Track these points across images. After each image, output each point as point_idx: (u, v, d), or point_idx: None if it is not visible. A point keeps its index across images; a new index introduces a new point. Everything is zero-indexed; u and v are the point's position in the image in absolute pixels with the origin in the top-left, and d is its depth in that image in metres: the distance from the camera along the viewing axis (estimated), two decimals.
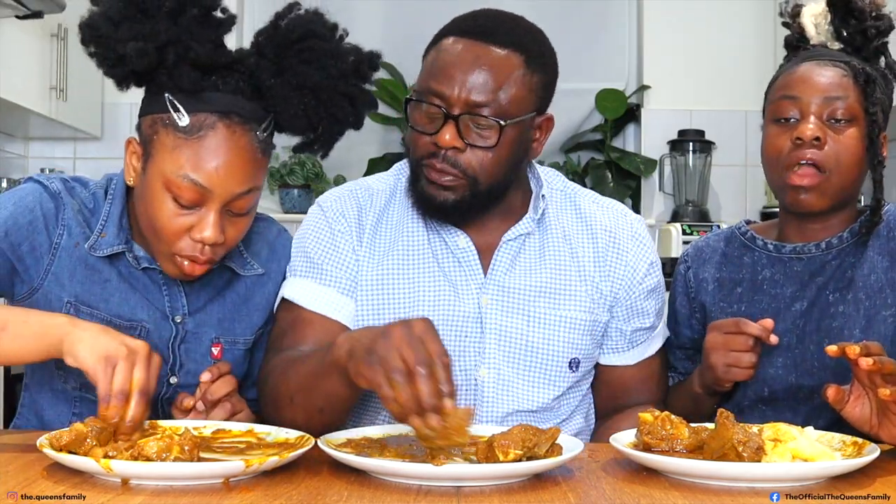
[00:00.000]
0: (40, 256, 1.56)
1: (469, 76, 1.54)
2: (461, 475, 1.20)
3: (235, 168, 1.49)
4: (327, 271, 1.66)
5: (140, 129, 1.54)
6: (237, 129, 1.49)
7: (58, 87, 3.78)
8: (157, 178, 1.50)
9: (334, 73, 1.55)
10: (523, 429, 1.24)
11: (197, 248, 1.51)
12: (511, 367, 1.63)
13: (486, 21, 1.60)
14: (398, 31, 4.49)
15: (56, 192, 1.59)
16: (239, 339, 1.67)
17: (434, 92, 1.56)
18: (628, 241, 1.70)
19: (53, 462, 1.23)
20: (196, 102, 1.49)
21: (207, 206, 1.49)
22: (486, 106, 1.54)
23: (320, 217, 1.71)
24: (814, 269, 1.69)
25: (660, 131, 4.36)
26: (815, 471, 1.23)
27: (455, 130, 1.55)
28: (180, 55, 1.47)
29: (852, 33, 1.69)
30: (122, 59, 1.47)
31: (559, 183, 1.75)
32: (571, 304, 1.65)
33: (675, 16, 4.37)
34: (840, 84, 1.64)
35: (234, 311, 1.67)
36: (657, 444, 1.31)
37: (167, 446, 1.20)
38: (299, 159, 4.41)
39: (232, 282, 1.67)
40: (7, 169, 4.26)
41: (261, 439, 1.39)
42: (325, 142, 1.62)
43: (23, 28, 3.50)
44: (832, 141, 1.62)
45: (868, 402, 1.40)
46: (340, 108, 1.57)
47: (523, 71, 1.56)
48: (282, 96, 1.53)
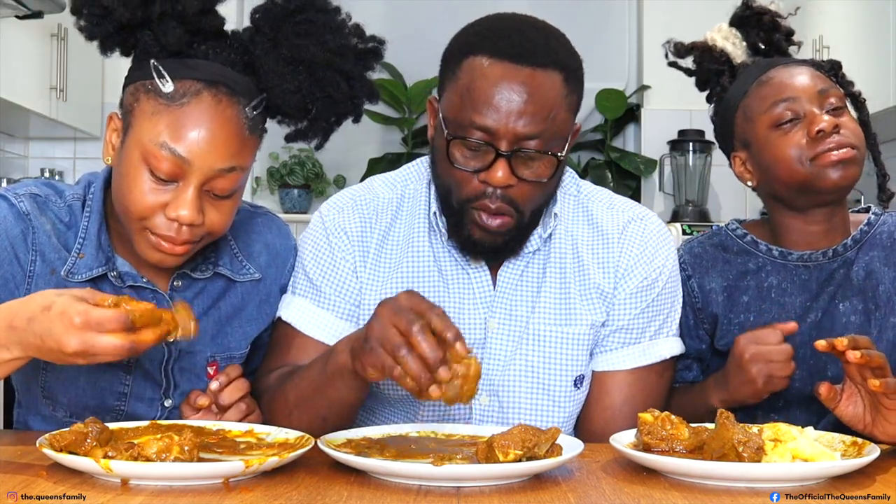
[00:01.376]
0: (15, 288, 1.45)
1: (517, 105, 1.42)
2: (461, 475, 1.20)
3: (218, 140, 1.39)
4: (325, 293, 1.59)
5: (122, 100, 1.45)
6: (224, 99, 1.40)
7: (58, 87, 3.78)
8: (134, 148, 1.40)
9: (332, 47, 1.46)
10: (523, 429, 1.24)
11: (172, 228, 1.40)
12: (513, 393, 1.57)
13: (521, 38, 1.47)
14: (398, 31, 4.48)
15: (24, 212, 1.46)
16: (235, 354, 1.60)
17: (477, 126, 1.44)
18: (633, 243, 1.61)
19: (53, 462, 1.23)
20: (182, 69, 1.40)
21: (185, 182, 1.39)
22: (537, 137, 1.44)
23: (321, 232, 1.62)
24: (822, 279, 1.68)
25: (660, 131, 4.36)
26: (815, 471, 1.23)
27: (508, 168, 1.44)
28: (166, 10, 1.39)
29: (768, 43, 1.75)
30: (106, 11, 1.39)
31: (572, 187, 1.65)
32: (575, 319, 1.58)
33: (675, 16, 4.37)
34: (819, 77, 1.67)
35: (227, 324, 1.59)
36: (657, 444, 1.31)
37: (167, 446, 1.20)
38: (299, 159, 4.41)
39: (226, 290, 1.59)
40: (7, 169, 4.26)
41: (261, 440, 1.39)
42: (319, 128, 1.53)
43: (23, 28, 3.50)
44: (842, 125, 1.64)
45: (861, 400, 1.40)
46: (336, 87, 1.48)
47: (566, 91, 1.47)
48: (275, 71, 1.45)
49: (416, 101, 4.40)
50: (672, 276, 1.64)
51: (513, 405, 1.58)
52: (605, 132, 4.42)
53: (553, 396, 1.58)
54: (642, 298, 1.60)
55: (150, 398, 1.56)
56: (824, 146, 1.62)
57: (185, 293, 1.55)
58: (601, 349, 1.61)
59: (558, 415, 1.59)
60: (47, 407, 1.55)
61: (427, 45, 4.63)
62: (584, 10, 4.43)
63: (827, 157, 1.62)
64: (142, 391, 1.55)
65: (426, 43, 4.86)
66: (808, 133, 1.62)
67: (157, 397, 1.56)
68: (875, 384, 1.35)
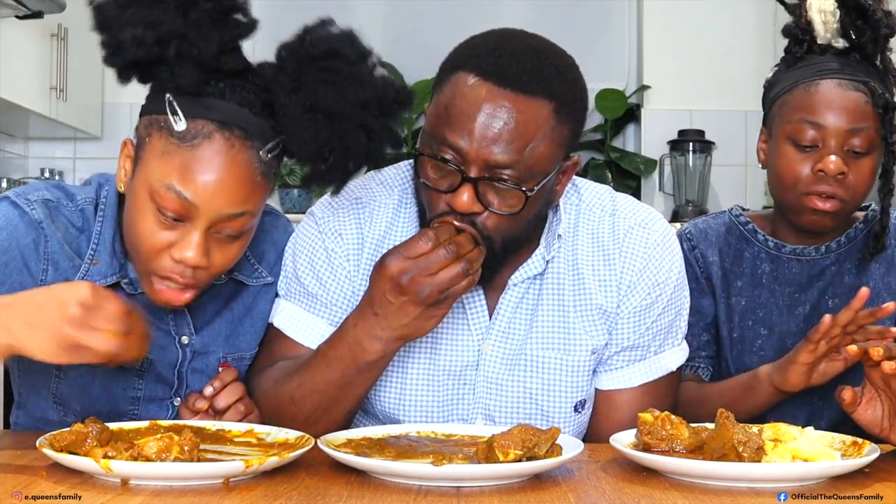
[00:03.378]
0: None
1: (492, 131, 1.35)
2: (461, 475, 1.20)
3: (227, 185, 1.35)
4: (320, 299, 1.55)
5: (137, 129, 1.43)
6: (236, 143, 1.36)
7: (58, 87, 3.78)
8: (142, 185, 1.37)
9: (353, 100, 1.38)
10: (523, 429, 1.24)
11: (177, 269, 1.38)
12: (509, 417, 1.53)
13: (510, 60, 1.38)
14: (398, 31, 4.49)
15: (37, 221, 1.44)
16: (245, 354, 1.60)
17: (449, 144, 1.37)
18: (636, 256, 1.54)
19: (53, 462, 1.23)
20: (197, 108, 1.36)
21: (192, 224, 1.36)
22: (509, 168, 1.36)
23: (315, 235, 1.56)
24: (812, 274, 1.70)
25: (660, 131, 4.36)
26: (815, 471, 1.23)
27: (473, 194, 1.37)
28: (182, 51, 1.33)
29: (860, 34, 1.67)
30: (120, 45, 1.34)
31: (573, 196, 1.57)
32: (574, 345, 1.53)
33: (675, 16, 4.37)
34: (862, 113, 1.63)
35: (240, 324, 1.59)
36: (657, 444, 1.31)
37: (167, 446, 1.20)
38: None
39: (239, 292, 1.59)
40: (7, 169, 4.26)
41: (261, 440, 1.39)
42: (335, 177, 1.44)
43: (23, 28, 3.50)
44: (851, 172, 1.62)
45: (880, 404, 1.38)
46: (355, 140, 1.40)
47: (553, 123, 1.38)
48: (293, 116, 1.38)
49: (416, 101, 4.38)
50: (678, 285, 1.58)
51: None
52: (605, 132, 4.42)
53: (552, 422, 1.54)
54: (647, 315, 1.56)
55: (160, 399, 1.57)
56: (816, 188, 1.63)
57: (200, 297, 1.50)
58: (607, 367, 1.58)
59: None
60: (58, 413, 1.54)
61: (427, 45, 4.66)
62: (584, 10, 4.42)
63: (811, 201, 1.63)
64: (153, 393, 1.56)
65: (426, 43, 4.89)
66: (813, 167, 1.62)
67: (167, 397, 1.57)
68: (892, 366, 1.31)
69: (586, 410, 1.59)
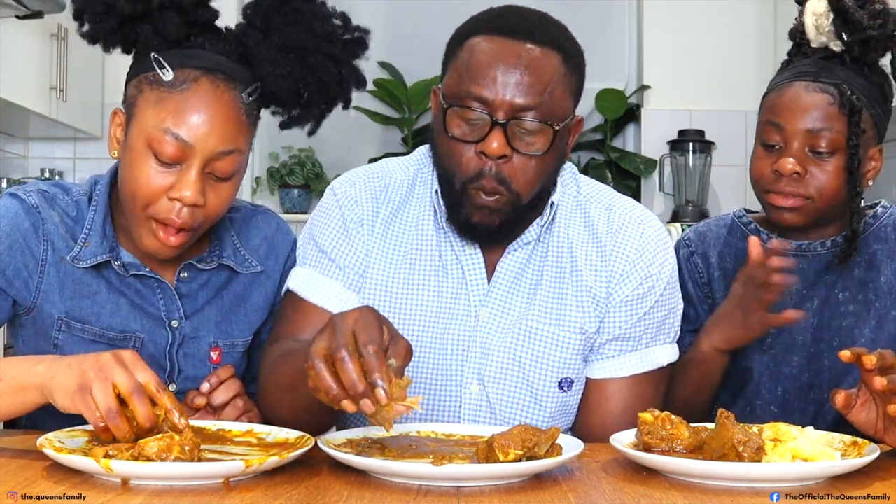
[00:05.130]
0: (29, 276, 1.53)
1: (513, 77, 1.45)
2: (461, 475, 1.20)
3: (217, 124, 1.46)
4: (335, 261, 1.60)
5: (125, 95, 1.53)
6: (221, 85, 1.48)
7: (58, 87, 3.78)
8: (139, 135, 1.47)
9: (320, 33, 1.54)
10: (523, 429, 1.24)
11: (174, 210, 1.47)
12: (498, 384, 1.57)
13: (519, 19, 1.51)
14: (398, 31, 4.49)
15: (34, 206, 1.54)
16: (237, 341, 1.64)
17: (475, 96, 1.46)
18: (628, 247, 1.59)
19: (53, 462, 1.23)
20: (181, 58, 1.48)
21: (188, 164, 1.46)
22: (534, 109, 1.46)
23: (333, 203, 1.64)
24: (819, 268, 1.70)
25: (660, 131, 4.36)
26: (815, 471, 1.23)
27: (503, 137, 1.45)
28: (164, 1, 1.47)
29: (850, 37, 1.67)
30: (108, 6, 1.47)
31: (572, 185, 1.64)
32: (566, 321, 1.57)
33: (675, 16, 4.38)
34: (826, 114, 1.64)
35: (231, 312, 1.64)
36: (657, 444, 1.31)
37: (167, 446, 1.20)
38: (299, 159, 4.41)
39: (230, 281, 1.65)
40: (7, 169, 4.26)
41: (261, 439, 1.39)
42: (311, 114, 1.59)
43: (23, 28, 3.50)
44: (814, 171, 1.64)
45: (875, 407, 1.38)
46: (326, 71, 1.55)
47: (564, 70, 1.49)
48: (267, 59, 1.52)
49: (416, 101, 4.39)
50: (670, 283, 1.61)
51: (498, 396, 1.58)
52: (605, 132, 4.42)
53: (535, 394, 1.58)
54: (639, 306, 1.59)
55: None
56: (774, 186, 1.66)
57: (190, 284, 1.61)
58: (598, 357, 1.61)
59: (540, 413, 1.58)
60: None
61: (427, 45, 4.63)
62: (584, 10, 4.43)
63: (772, 199, 1.68)
64: None
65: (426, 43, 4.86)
66: (772, 166, 1.67)
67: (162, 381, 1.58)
68: (894, 410, 1.32)
69: (572, 393, 1.60)
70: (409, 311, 1.59)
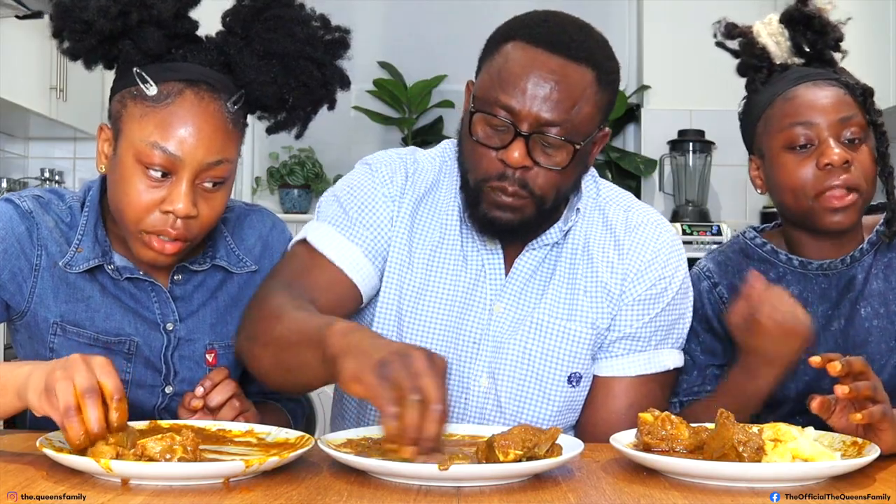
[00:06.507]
0: (23, 281, 1.53)
1: (543, 90, 1.46)
2: (461, 475, 1.20)
3: (204, 136, 1.46)
4: (359, 228, 1.59)
5: (110, 110, 1.54)
6: (206, 96, 1.47)
7: (58, 87, 3.78)
8: (127, 151, 1.47)
9: (301, 37, 1.53)
10: (523, 429, 1.24)
11: (168, 222, 1.47)
12: (507, 377, 1.59)
13: (558, 30, 1.51)
14: (398, 31, 4.50)
15: (28, 211, 1.55)
16: (232, 343, 1.63)
17: (502, 104, 1.47)
18: (645, 247, 1.61)
19: (53, 462, 1.23)
20: (163, 72, 1.48)
21: (178, 176, 1.46)
22: (558, 125, 1.47)
23: (366, 174, 1.64)
24: (841, 286, 1.67)
25: (660, 131, 4.36)
26: (815, 471, 1.23)
27: (524, 149, 1.47)
28: (143, 17, 1.47)
29: (814, 45, 1.68)
30: (87, 25, 1.47)
31: (592, 188, 1.66)
32: (578, 316, 1.59)
33: (675, 16, 4.37)
34: (846, 103, 1.63)
35: (227, 313, 1.64)
36: (657, 444, 1.31)
37: (169, 446, 1.20)
38: (299, 159, 4.41)
39: (224, 282, 1.65)
40: (7, 169, 4.27)
41: (261, 440, 1.39)
42: (297, 117, 1.59)
43: (23, 28, 3.50)
44: (854, 161, 1.61)
45: (854, 412, 1.37)
46: (310, 74, 1.55)
47: (595, 88, 1.50)
48: (250, 66, 1.51)
49: (416, 101, 4.39)
50: (682, 288, 1.63)
51: (507, 389, 1.59)
52: None
53: (543, 387, 1.59)
54: (651, 307, 1.61)
55: (150, 385, 1.60)
56: (829, 183, 1.60)
57: (185, 286, 1.61)
58: (607, 354, 1.62)
59: (548, 408, 1.60)
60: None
61: (427, 45, 4.68)
62: (584, 11, 4.36)
63: (828, 201, 1.61)
64: (143, 378, 1.59)
65: (426, 43, 4.90)
66: (818, 164, 1.61)
67: (158, 384, 1.60)
68: (857, 418, 1.32)
69: (580, 388, 1.61)
70: (427, 299, 1.60)
